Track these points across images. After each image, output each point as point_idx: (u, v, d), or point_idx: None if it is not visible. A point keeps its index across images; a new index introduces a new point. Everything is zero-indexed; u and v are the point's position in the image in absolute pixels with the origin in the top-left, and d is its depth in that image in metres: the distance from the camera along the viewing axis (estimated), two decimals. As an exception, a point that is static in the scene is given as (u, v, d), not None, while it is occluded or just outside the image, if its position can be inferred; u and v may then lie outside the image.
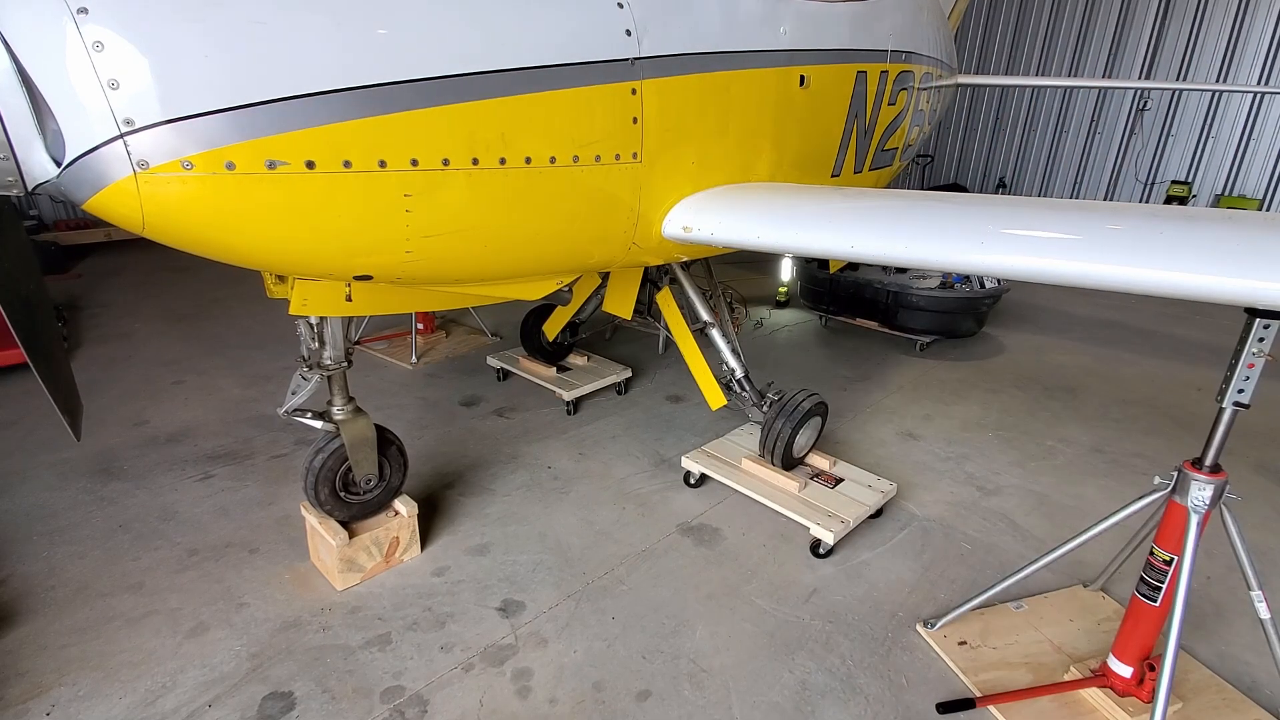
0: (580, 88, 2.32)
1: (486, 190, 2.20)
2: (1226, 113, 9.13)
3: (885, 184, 5.25)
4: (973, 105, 11.22)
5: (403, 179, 2.01)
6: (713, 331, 3.87)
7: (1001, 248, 2.17)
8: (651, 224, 2.85)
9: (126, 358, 5.37)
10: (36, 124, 1.65)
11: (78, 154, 1.65)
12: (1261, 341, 2.01)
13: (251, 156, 1.77)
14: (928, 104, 5.33)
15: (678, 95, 2.68)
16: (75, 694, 2.42)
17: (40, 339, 2.04)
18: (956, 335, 5.96)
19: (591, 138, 2.42)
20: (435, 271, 2.38)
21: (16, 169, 1.67)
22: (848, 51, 3.63)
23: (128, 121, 1.63)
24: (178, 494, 3.61)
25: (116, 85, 1.60)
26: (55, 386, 2.04)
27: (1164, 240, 1.97)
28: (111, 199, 1.70)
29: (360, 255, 2.15)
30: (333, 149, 1.87)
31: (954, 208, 2.53)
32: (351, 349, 2.82)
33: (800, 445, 3.69)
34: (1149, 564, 2.31)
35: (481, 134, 2.11)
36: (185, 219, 1.80)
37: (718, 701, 2.47)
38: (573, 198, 2.48)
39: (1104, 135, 10.05)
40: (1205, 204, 9.46)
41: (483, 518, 3.48)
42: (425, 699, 2.44)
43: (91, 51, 1.57)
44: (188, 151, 1.69)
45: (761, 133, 3.21)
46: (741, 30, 2.91)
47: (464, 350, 5.66)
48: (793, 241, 2.72)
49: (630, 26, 2.43)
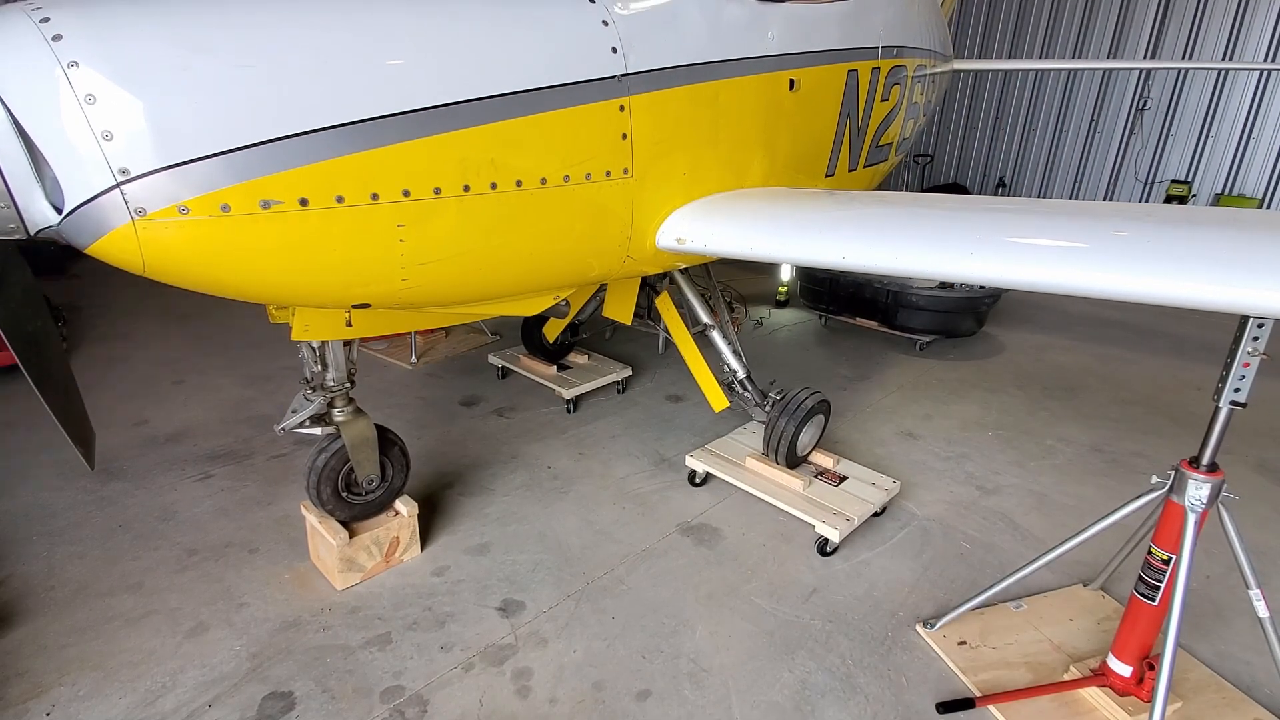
0: (568, 108, 2.33)
1: (479, 215, 2.22)
2: (1226, 112, 9.12)
3: (880, 180, 5.25)
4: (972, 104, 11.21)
5: (395, 210, 2.03)
6: (713, 333, 3.87)
7: (991, 256, 2.18)
8: (645, 236, 2.85)
9: (126, 358, 5.37)
10: (35, 173, 1.68)
11: (76, 204, 1.68)
12: (1256, 340, 2.01)
13: (246, 197, 1.80)
14: (922, 95, 5.32)
15: (666, 108, 2.68)
16: (75, 694, 2.42)
17: (49, 373, 2.09)
18: (956, 335, 5.96)
19: (581, 157, 2.43)
20: (432, 295, 2.41)
21: (18, 216, 1.70)
22: (837, 51, 3.62)
23: (123, 171, 1.66)
24: (177, 494, 3.61)
25: (110, 136, 1.63)
26: (67, 418, 2.09)
27: (1156, 246, 1.97)
28: (112, 245, 1.74)
29: (357, 286, 2.18)
30: (325, 185, 1.90)
31: (944, 215, 2.55)
32: (354, 369, 2.85)
33: (804, 443, 3.69)
34: (1147, 563, 2.31)
35: (472, 160, 2.13)
36: (184, 261, 1.84)
37: (718, 701, 2.47)
38: (565, 217, 2.49)
39: (1104, 135, 10.04)
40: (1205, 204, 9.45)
41: (482, 517, 3.49)
42: (425, 699, 2.45)
43: (84, 105, 1.60)
44: (183, 196, 1.73)
45: (753, 139, 3.21)
46: (728, 38, 2.91)
47: (464, 350, 5.66)
48: (785, 252, 2.74)
49: (616, 44, 2.43)
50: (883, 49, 4.10)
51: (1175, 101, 9.46)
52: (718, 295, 4.33)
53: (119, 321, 6.15)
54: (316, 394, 2.84)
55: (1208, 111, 9.25)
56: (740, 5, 2.96)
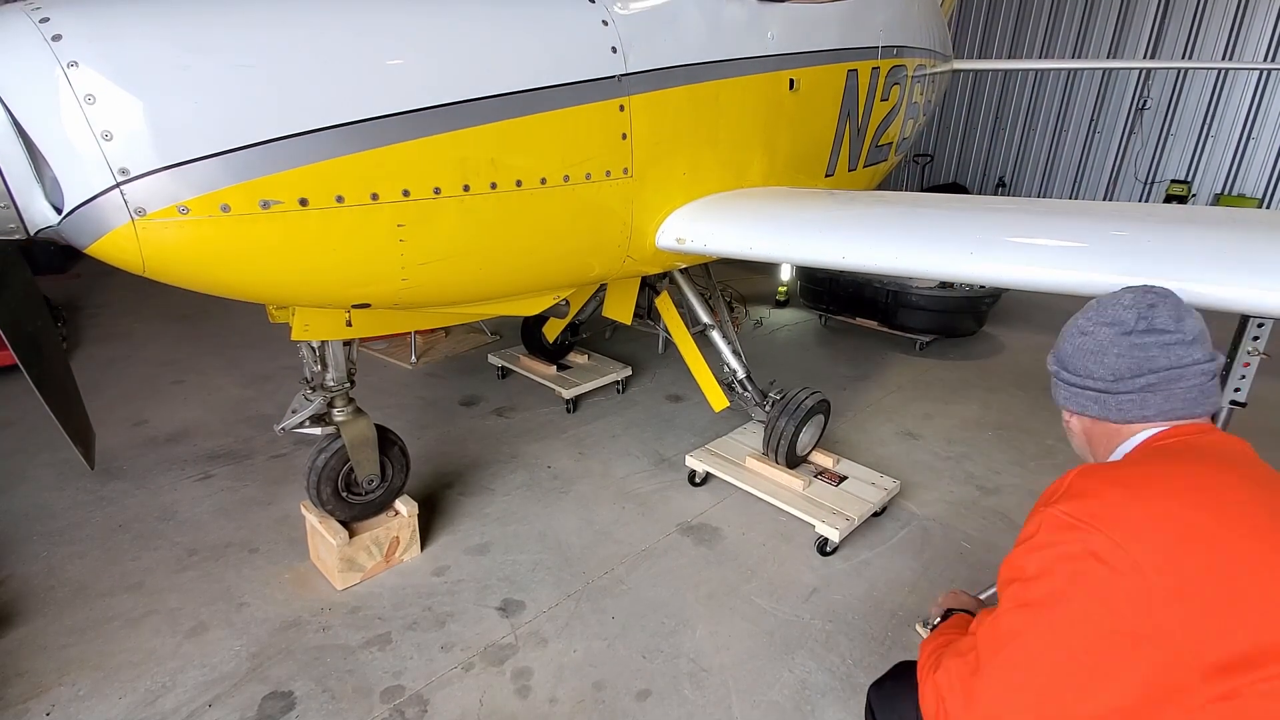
0: (568, 108, 2.32)
1: (478, 215, 2.22)
2: (1226, 112, 9.12)
3: (880, 180, 5.25)
4: (972, 104, 11.21)
5: (395, 210, 2.03)
6: (713, 333, 3.86)
7: (991, 255, 2.18)
8: (645, 236, 2.85)
9: (126, 357, 5.37)
10: (35, 173, 1.68)
11: (76, 204, 1.68)
12: (1256, 340, 2.01)
13: (246, 197, 1.79)
14: (922, 95, 5.32)
15: (666, 108, 2.68)
16: (75, 694, 2.42)
17: (49, 374, 2.09)
18: (956, 334, 5.95)
19: (581, 157, 2.42)
20: (432, 295, 2.41)
21: (18, 216, 1.70)
22: (838, 51, 3.62)
23: (123, 171, 1.65)
24: (177, 494, 3.61)
25: (110, 136, 1.63)
26: (67, 418, 2.09)
27: (1155, 246, 1.97)
28: (112, 245, 1.74)
29: (357, 285, 2.17)
30: (325, 185, 1.89)
31: (944, 215, 2.55)
32: (354, 369, 2.85)
33: (804, 443, 3.68)
34: (1149, 563, 2.30)
35: (472, 161, 2.13)
36: (184, 261, 1.84)
37: (718, 701, 2.47)
38: (565, 217, 2.49)
39: (1103, 134, 10.04)
40: (1205, 202, 9.45)
41: (482, 517, 3.48)
42: (425, 698, 2.44)
43: (84, 105, 1.59)
44: (183, 197, 1.72)
45: (753, 139, 3.20)
46: (728, 38, 2.90)
47: (463, 349, 5.66)
48: (785, 252, 2.74)
49: (616, 43, 2.43)
50: (883, 49, 4.09)
51: (1175, 101, 9.46)
52: (717, 295, 4.32)
53: (119, 321, 6.14)
54: (316, 394, 2.84)
55: (1208, 111, 9.25)
56: (740, 5, 2.96)
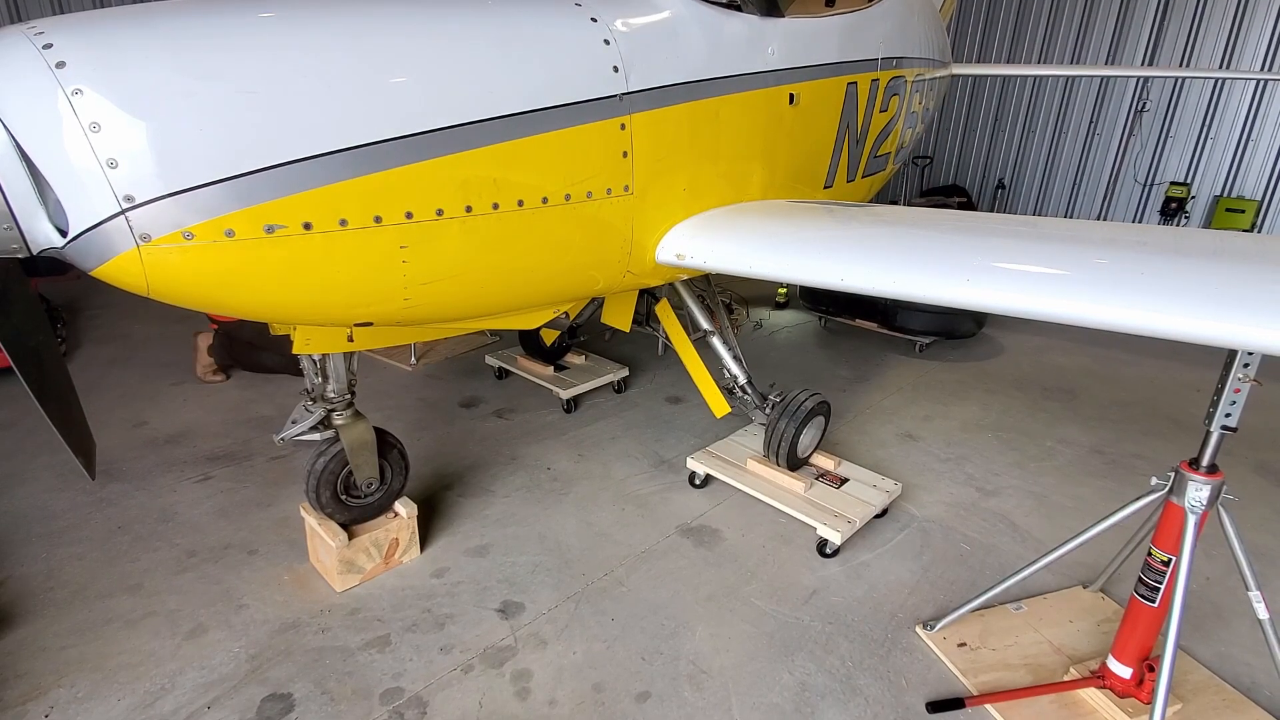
0: (570, 128, 2.33)
1: (480, 235, 2.23)
2: (1225, 114, 9.12)
3: (879, 189, 5.25)
4: (972, 106, 11.22)
5: (398, 232, 2.04)
6: (713, 339, 3.86)
7: (988, 283, 2.15)
8: (646, 251, 2.85)
9: (126, 359, 5.37)
10: (38, 194, 1.68)
11: (81, 230, 1.68)
12: (1246, 368, 2.02)
13: (250, 223, 1.80)
14: (920, 103, 5.32)
15: (667, 126, 2.68)
16: (74, 695, 2.42)
17: (51, 387, 2.11)
18: (955, 336, 5.96)
19: (583, 175, 2.43)
20: (434, 313, 2.42)
21: (20, 237, 1.70)
22: (837, 65, 3.61)
23: (128, 198, 1.65)
24: (177, 495, 3.60)
25: (115, 164, 1.62)
26: (67, 429, 2.11)
27: (1148, 280, 1.97)
28: (117, 269, 1.74)
29: (360, 306, 2.19)
30: (329, 209, 1.90)
31: (944, 237, 2.54)
32: (354, 380, 2.86)
33: (804, 445, 3.68)
34: (1147, 565, 2.31)
35: (474, 182, 2.14)
36: (188, 284, 1.85)
37: (718, 703, 2.47)
38: (566, 235, 2.50)
39: (1103, 136, 10.04)
40: (1204, 204, 9.45)
41: (482, 519, 3.48)
42: (425, 700, 2.44)
43: (89, 133, 1.59)
44: (188, 223, 1.73)
45: (753, 154, 3.20)
46: (729, 55, 2.90)
47: (463, 351, 5.66)
48: (785, 272, 2.74)
49: (618, 63, 2.43)
50: (882, 60, 4.09)
51: (1174, 103, 9.47)
52: (717, 301, 4.33)
53: (119, 322, 6.14)
54: (317, 405, 2.85)
55: (1207, 113, 9.26)
56: (740, 21, 2.95)
